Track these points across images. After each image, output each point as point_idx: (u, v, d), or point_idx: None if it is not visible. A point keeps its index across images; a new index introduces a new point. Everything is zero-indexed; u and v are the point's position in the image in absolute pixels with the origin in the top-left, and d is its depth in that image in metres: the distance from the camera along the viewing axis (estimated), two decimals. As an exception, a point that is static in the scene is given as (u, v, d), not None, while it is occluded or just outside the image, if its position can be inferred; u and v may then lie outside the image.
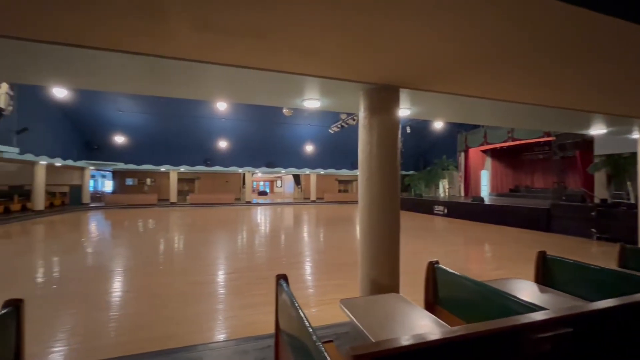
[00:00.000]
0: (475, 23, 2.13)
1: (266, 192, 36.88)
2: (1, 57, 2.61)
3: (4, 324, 1.41)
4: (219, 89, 3.74)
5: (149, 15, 1.82)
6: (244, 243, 9.29)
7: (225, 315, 3.92)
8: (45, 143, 15.82)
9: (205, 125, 21.73)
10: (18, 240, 9.73)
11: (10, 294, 4.53)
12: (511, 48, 2.52)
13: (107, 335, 3.43)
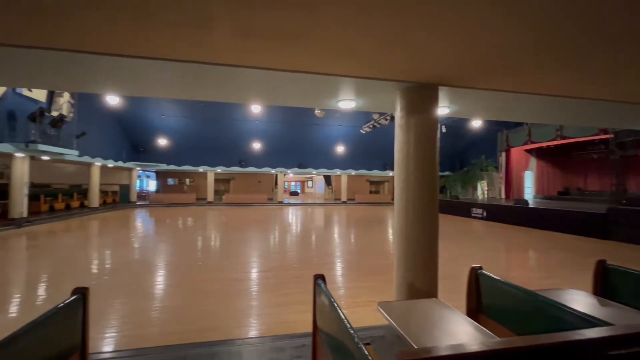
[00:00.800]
0: (519, 12, 1.99)
1: (297, 193, 37.39)
2: (63, 68, 2.90)
3: (74, 309, 1.56)
4: (255, 91, 3.86)
5: (196, 25, 1.92)
6: (276, 242, 9.49)
7: (260, 312, 4.03)
8: (99, 146, 17.35)
9: (240, 127, 22.56)
10: (77, 234, 10.76)
11: (72, 282, 5.00)
12: (559, 37, 2.32)
13: (154, 325, 3.67)
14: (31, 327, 1.27)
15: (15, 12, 1.87)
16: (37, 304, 4.42)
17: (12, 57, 2.58)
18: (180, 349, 2.67)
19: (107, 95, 14.59)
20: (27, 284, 5.38)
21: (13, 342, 1.18)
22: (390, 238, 10.56)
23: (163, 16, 1.86)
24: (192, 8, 1.75)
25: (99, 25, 2.04)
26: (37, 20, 1.96)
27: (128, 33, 2.14)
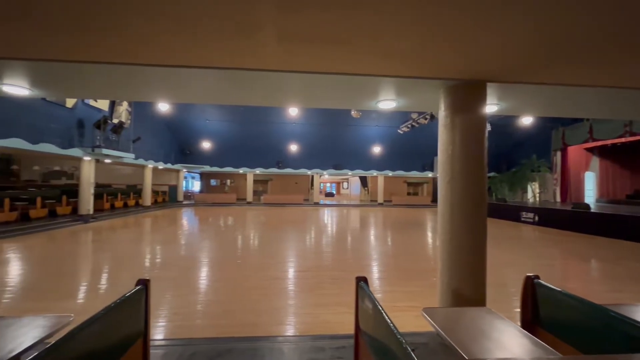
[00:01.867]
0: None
1: (333, 194, 37.49)
2: (123, 80, 3.21)
3: (138, 298, 1.73)
4: (295, 95, 3.95)
5: (243, 34, 2.02)
6: (312, 243, 9.59)
7: (299, 312, 4.10)
8: (151, 149, 18.89)
9: (278, 130, 23.21)
10: (133, 230, 11.80)
11: (128, 273, 5.46)
12: (626, 22, 2.07)
13: (201, 317, 3.91)
14: (105, 312, 1.43)
15: (82, 32, 2.11)
16: (100, 292, 4.93)
17: (82, 72, 2.91)
18: (227, 342, 2.81)
19: (159, 103, 15.86)
20: (92, 274, 6.02)
21: (92, 325, 1.33)
22: (429, 242, 10.16)
23: (212, 27, 1.98)
24: (240, 18, 1.84)
25: (153, 39, 2.22)
26: (98, 38, 2.20)
27: (179, 45, 2.31)
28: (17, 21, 1.96)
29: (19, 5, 1.78)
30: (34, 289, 4.96)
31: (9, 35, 2.15)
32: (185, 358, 2.52)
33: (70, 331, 1.24)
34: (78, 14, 1.87)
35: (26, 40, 2.25)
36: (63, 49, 2.37)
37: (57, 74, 2.98)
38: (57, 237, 9.68)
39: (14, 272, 5.98)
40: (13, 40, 2.25)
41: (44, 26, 2.03)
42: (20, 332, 1.61)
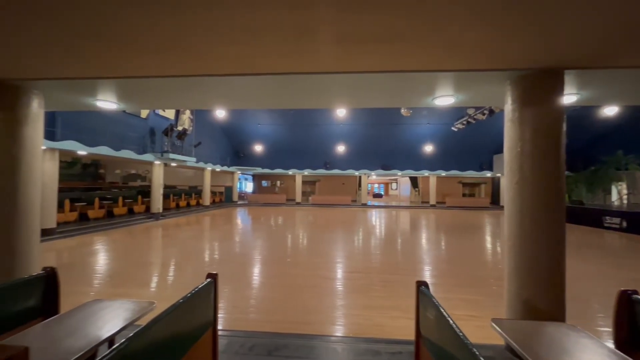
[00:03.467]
0: None
1: (381, 195, 36.68)
2: (187, 91, 3.51)
3: (208, 291, 1.88)
4: (346, 96, 3.95)
5: (301, 39, 2.07)
6: (361, 244, 9.48)
7: (351, 313, 4.08)
8: (210, 153, 20.46)
9: (326, 131, 23.47)
10: (195, 227, 12.88)
11: (191, 266, 5.92)
12: None
13: (257, 312, 4.10)
14: (183, 302, 1.57)
15: (163, 52, 2.36)
16: (168, 283, 5.46)
17: (157, 86, 3.26)
18: (283, 338, 2.91)
19: (217, 110, 17.13)
20: (162, 266, 6.70)
21: (172, 312, 1.48)
22: (489, 247, 9.39)
23: (273, 34, 2.07)
24: (299, 23, 1.90)
25: (220, 52, 2.40)
26: (174, 56, 2.43)
27: (241, 54, 2.45)
28: (112, 46, 2.26)
29: (114, 35, 2.06)
30: (117, 277, 5.69)
31: (105, 59, 2.50)
32: (246, 349, 2.66)
33: (155, 317, 1.39)
34: (161, 37, 2.11)
35: (117, 62, 2.59)
36: (145, 67, 2.69)
37: (138, 89, 3.39)
38: (134, 232, 10.98)
39: (102, 262, 6.93)
40: (107, 63, 2.61)
41: (132, 50, 2.32)
42: (114, 314, 1.85)
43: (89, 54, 2.42)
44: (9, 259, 3.02)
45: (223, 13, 1.82)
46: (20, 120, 3.09)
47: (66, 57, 2.48)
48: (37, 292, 2.00)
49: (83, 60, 2.57)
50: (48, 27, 2.00)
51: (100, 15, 1.86)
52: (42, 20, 1.93)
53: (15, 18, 1.91)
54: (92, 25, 1.98)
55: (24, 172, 3.12)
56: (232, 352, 2.58)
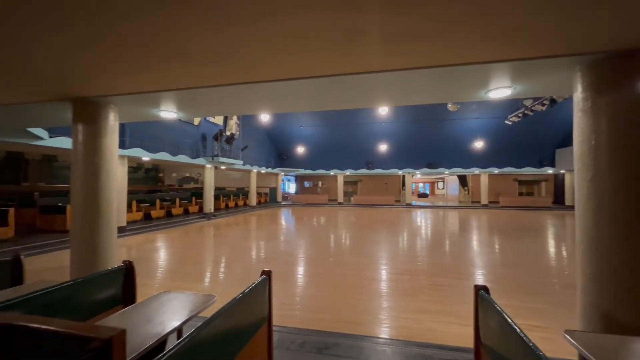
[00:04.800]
0: None
1: (426, 195, 35.18)
2: (235, 97, 3.70)
3: (263, 287, 1.98)
4: (391, 94, 3.87)
5: (349, 39, 2.08)
6: (406, 245, 9.19)
7: (400, 315, 3.97)
8: (255, 156, 21.38)
9: (367, 131, 23.19)
10: (243, 226, 13.56)
11: (240, 264, 6.22)
12: None
13: (305, 309, 4.19)
14: (241, 298, 1.67)
15: (218, 63, 2.53)
16: (219, 279, 5.82)
17: (210, 95, 3.49)
18: (333, 337, 2.93)
19: (262, 114, 17.85)
20: (214, 263, 7.16)
21: (232, 307, 1.58)
22: (552, 250, 8.50)
23: (321, 38, 2.10)
24: (346, 24, 1.91)
25: (268, 59, 2.50)
26: (227, 65, 2.59)
27: (287, 61, 2.53)
28: (173, 61, 2.49)
29: (176, 50, 2.27)
30: (176, 272, 6.22)
31: (167, 72, 2.76)
32: (297, 345, 2.74)
33: (218, 311, 1.50)
34: (215, 50, 2.27)
35: (177, 75, 2.84)
36: (201, 78, 2.91)
37: (194, 99, 3.67)
38: (189, 231, 11.90)
39: (163, 257, 7.61)
40: (169, 76, 2.87)
41: (190, 63, 2.52)
42: (181, 305, 2.03)
43: (154, 69, 2.69)
44: (92, 252, 3.46)
45: (271, 24, 1.90)
46: (100, 132, 3.53)
47: (136, 73, 2.78)
48: (118, 283, 2.27)
49: (149, 76, 2.85)
50: (123, 48, 2.26)
51: (165, 34, 2.06)
52: (119, 43, 2.18)
53: (96, 43, 2.19)
54: (158, 43, 2.19)
55: (104, 178, 3.56)
56: (283, 347, 2.68)
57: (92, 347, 0.81)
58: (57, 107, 3.92)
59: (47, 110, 4.25)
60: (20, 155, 13.43)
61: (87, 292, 2.06)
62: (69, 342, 0.87)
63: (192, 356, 1.27)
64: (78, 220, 3.43)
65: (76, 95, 3.35)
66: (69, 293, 1.94)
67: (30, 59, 2.52)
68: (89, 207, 3.44)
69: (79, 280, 2.03)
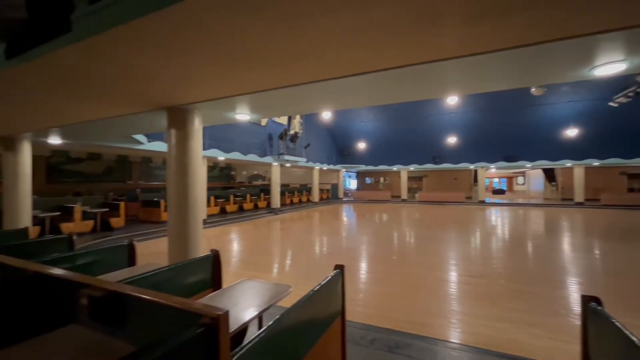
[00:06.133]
0: None
1: (503, 191, 31.65)
2: (302, 97, 3.80)
3: (337, 281, 2.02)
4: (461, 82, 3.59)
5: (423, 25, 1.97)
6: (477, 246, 8.40)
7: (477, 322, 3.66)
8: (317, 153, 21.88)
9: (433, 123, 21.81)
10: (307, 222, 14.03)
11: (304, 256, 6.43)
12: None
13: (370, 306, 4.15)
14: (317, 290, 1.73)
15: (288, 66, 2.64)
16: (285, 270, 6.11)
17: (276, 97, 3.66)
18: (404, 336, 2.85)
19: (325, 112, 18.18)
20: (280, 255, 7.56)
21: (309, 299, 1.65)
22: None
23: (392, 30, 2.03)
24: (420, 12, 1.81)
25: (336, 55, 2.52)
26: (297, 67, 2.68)
27: (357, 55, 2.51)
28: (248, 66, 2.69)
29: (250, 56, 2.44)
30: (248, 261, 6.74)
31: (243, 78, 2.99)
32: (367, 341, 2.73)
33: (297, 302, 1.57)
34: (285, 53, 2.37)
35: (250, 79, 3.05)
36: (271, 80, 3.08)
37: (265, 100, 3.90)
38: (258, 224, 12.78)
39: (236, 248, 8.33)
40: (244, 81, 3.10)
41: (262, 67, 2.69)
42: (261, 293, 2.19)
43: (232, 75, 2.94)
44: (183, 242, 3.97)
45: (344, 19, 1.90)
46: (188, 136, 4.01)
47: (217, 80, 3.08)
48: (208, 269, 2.56)
49: (228, 81, 3.13)
50: (207, 59, 2.52)
51: (241, 42, 2.23)
52: (204, 56, 2.44)
53: (185, 57, 2.48)
54: (236, 51, 2.38)
55: (191, 176, 4.04)
56: (353, 342, 2.70)
57: (203, 323, 0.93)
58: (154, 115, 4.57)
59: (147, 119, 4.99)
60: (125, 158, 16.04)
61: (184, 275, 2.37)
62: (183, 316, 1.01)
63: (274, 343, 1.36)
64: (173, 213, 3.97)
65: (170, 104, 3.85)
66: (171, 275, 2.25)
67: (137, 79, 2.98)
68: (181, 202, 3.94)
69: (178, 264, 2.35)
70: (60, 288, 1.40)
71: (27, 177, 6.63)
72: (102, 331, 1.22)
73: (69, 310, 1.34)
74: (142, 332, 1.15)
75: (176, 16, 1.83)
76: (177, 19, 1.87)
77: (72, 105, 3.90)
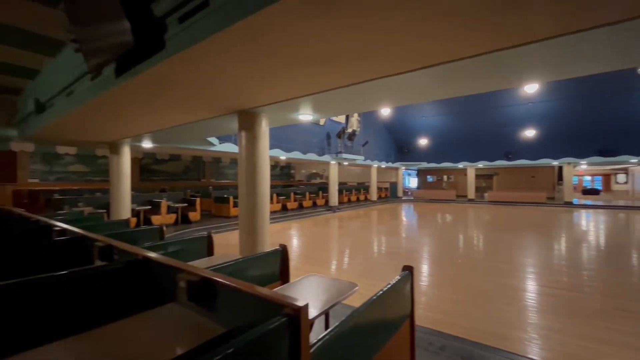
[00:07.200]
0: None
1: (597, 191, 27.06)
2: (362, 96, 3.74)
3: (406, 282, 1.96)
4: (546, 67, 3.16)
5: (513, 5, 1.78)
6: (565, 253, 7.30)
7: (567, 340, 3.20)
8: (375, 151, 21.47)
9: (507, 114, 19.63)
10: (364, 220, 13.89)
11: (362, 254, 6.35)
12: None
13: (441, 311, 3.92)
14: (385, 291, 1.70)
15: (352, 64, 2.63)
16: (343, 267, 6.11)
17: (337, 96, 3.68)
18: (478, 347, 2.64)
19: (382, 109, 17.76)
20: (338, 252, 7.61)
21: (378, 300, 1.63)
22: None
23: (473, 14, 1.89)
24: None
25: (407, 47, 2.43)
26: (356, 66, 2.65)
27: (428, 46, 2.39)
28: (313, 68, 2.76)
29: (316, 58, 2.50)
30: (309, 256, 6.94)
31: (306, 79, 3.08)
32: (436, 348, 2.60)
33: (366, 302, 1.56)
34: (349, 51, 2.37)
35: (314, 80, 3.13)
36: (334, 80, 3.11)
37: (327, 100, 3.97)
38: (317, 222, 13.07)
39: (297, 244, 8.63)
40: (308, 82, 3.20)
41: (327, 67, 2.73)
42: (328, 289, 2.24)
43: (296, 78, 3.05)
44: (253, 235, 4.27)
45: (418, 7, 1.82)
46: (257, 137, 4.29)
47: (283, 83, 3.23)
48: (277, 262, 2.71)
49: (292, 84, 3.26)
50: (277, 63, 2.65)
51: (308, 46, 2.29)
52: (273, 59, 2.57)
53: (257, 63, 2.65)
54: (303, 54, 2.47)
55: (259, 174, 4.32)
56: (421, 347, 2.59)
57: (286, 313, 0.99)
58: (226, 119, 4.99)
59: (220, 123, 5.48)
60: (200, 158, 17.85)
61: (256, 267, 2.54)
62: (266, 305, 1.09)
63: (347, 340, 1.38)
64: (243, 209, 4.30)
65: (240, 108, 4.17)
66: (245, 266, 2.44)
67: (216, 88, 3.29)
68: (250, 198, 4.25)
69: (251, 257, 2.54)
70: (162, 271, 1.62)
71: (127, 176, 7.84)
72: (196, 311, 1.38)
73: (169, 290, 1.54)
74: (230, 315, 1.27)
75: (258, 23, 1.95)
76: (259, 26, 1.99)
77: (163, 113, 4.48)
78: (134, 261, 1.73)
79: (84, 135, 6.79)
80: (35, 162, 12.36)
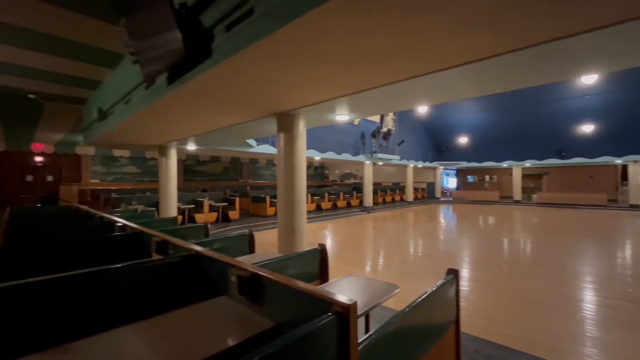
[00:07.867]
0: None
1: (669, 192, 23.78)
2: (396, 95, 3.65)
3: (451, 286, 1.90)
4: (605, 57, 2.86)
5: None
6: (631, 263, 6.51)
7: (634, 357, 2.88)
8: (411, 150, 20.85)
9: (558, 109, 18.03)
10: (400, 221, 13.55)
11: (398, 256, 6.16)
12: None
13: (482, 317, 3.72)
14: (429, 295, 1.66)
15: (376, 63, 2.59)
16: (378, 268, 6.01)
17: (374, 95, 3.63)
18: (528, 358, 2.47)
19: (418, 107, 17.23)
20: (374, 253, 7.49)
21: (421, 303, 1.59)
22: None
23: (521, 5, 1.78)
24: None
25: (443, 43, 2.34)
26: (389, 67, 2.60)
27: (469, 40, 2.28)
28: (349, 69, 2.76)
29: (354, 59, 2.50)
30: (344, 257, 6.93)
31: (343, 80, 3.09)
32: (482, 356, 2.48)
33: (410, 305, 1.54)
34: (384, 50, 2.34)
35: (350, 81, 3.13)
36: (369, 80, 3.09)
37: (363, 100, 3.94)
38: (352, 222, 13.00)
39: (332, 243, 8.66)
40: (344, 83, 3.20)
41: (363, 67, 2.72)
42: (368, 290, 2.23)
43: (333, 79, 3.07)
44: (292, 234, 4.37)
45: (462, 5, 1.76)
46: (294, 138, 4.39)
47: (321, 84, 3.27)
48: (316, 261, 2.76)
49: (329, 85, 3.29)
50: (316, 65, 2.70)
51: (344, 48, 2.30)
52: (313, 60, 2.62)
53: (295, 68, 2.71)
54: (339, 55, 2.48)
55: (297, 174, 4.41)
56: (467, 355, 2.48)
57: (335, 311, 1.01)
58: (265, 121, 5.16)
59: (258, 125, 5.68)
60: (238, 159, 18.60)
61: (297, 265, 2.61)
62: (315, 301, 1.12)
63: (393, 340, 1.37)
64: (282, 208, 4.42)
65: (279, 110, 4.29)
66: (286, 264, 2.51)
67: (258, 92, 3.42)
68: (289, 198, 4.35)
69: (291, 255, 2.61)
70: (213, 266, 1.73)
71: (173, 176, 8.41)
72: (245, 305, 1.46)
73: (220, 284, 1.64)
74: (278, 310, 1.32)
75: (302, 26, 2.00)
76: (303, 29, 2.05)
77: (207, 117, 4.76)
78: (187, 256, 1.87)
79: (138, 139, 7.41)
80: (96, 164, 13.75)
